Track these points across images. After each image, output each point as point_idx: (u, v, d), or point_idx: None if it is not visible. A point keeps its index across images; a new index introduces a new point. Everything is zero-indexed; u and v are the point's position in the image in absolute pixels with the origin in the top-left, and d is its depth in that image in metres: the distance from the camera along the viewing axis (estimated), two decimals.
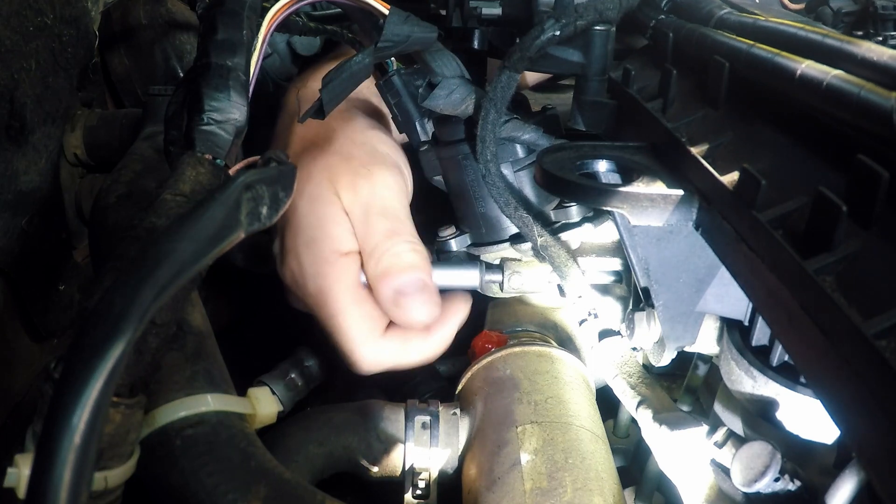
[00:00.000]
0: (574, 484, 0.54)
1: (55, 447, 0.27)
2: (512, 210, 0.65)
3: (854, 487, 0.42)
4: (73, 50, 0.88)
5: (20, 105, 0.76)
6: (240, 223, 0.38)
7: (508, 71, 0.61)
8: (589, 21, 0.61)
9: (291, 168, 0.46)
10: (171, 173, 0.46)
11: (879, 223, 0.36)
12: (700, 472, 0.55)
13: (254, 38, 0.54)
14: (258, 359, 0.79)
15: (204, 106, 0.49)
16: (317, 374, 0.79)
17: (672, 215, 0.51)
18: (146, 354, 0.41)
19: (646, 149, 0.58)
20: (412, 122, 0.72)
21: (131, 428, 0.40)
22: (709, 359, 0.69)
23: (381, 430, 0.63)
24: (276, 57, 0.87)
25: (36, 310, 0.86)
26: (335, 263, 0.65)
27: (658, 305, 0.57)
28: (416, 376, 0.78)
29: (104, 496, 0.39)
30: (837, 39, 0.45)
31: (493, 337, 0.71)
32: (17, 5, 0.74)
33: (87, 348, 0.28)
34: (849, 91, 0.39)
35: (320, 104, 0.59)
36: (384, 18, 0.61)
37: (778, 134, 0.49)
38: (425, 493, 0.62)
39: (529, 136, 0.67)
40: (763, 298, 0.42)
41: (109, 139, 0.94)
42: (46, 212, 0.86)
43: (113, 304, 0.29)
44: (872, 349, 0.31)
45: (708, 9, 0.64)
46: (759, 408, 0.53)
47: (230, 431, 0.49)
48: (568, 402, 0.62)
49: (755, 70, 0.50)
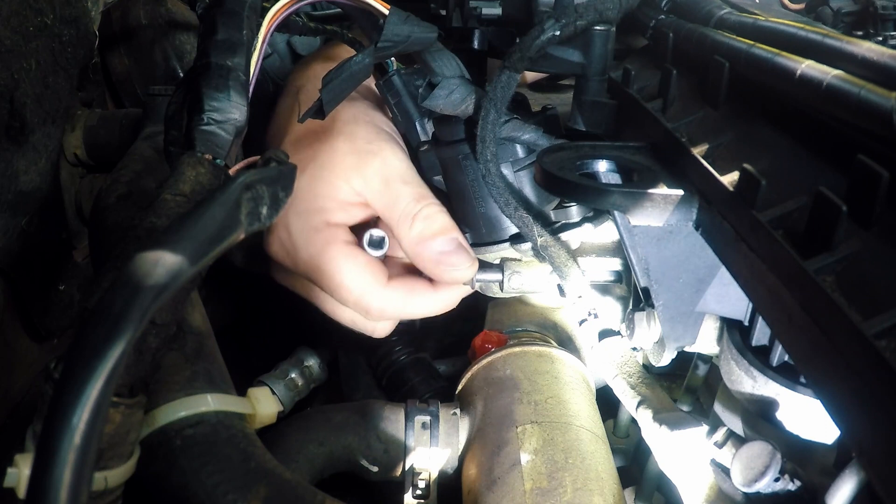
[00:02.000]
0: (574, 484, 0.54)
1: (55, 447, 0.27)
2: (512, 210, 0.65)
3: (854, 487, 0.42)
4: (73, 50, 0.88)
5: (20, 105, 0.76)
6: (240, 223, 0.38)
7: (508, 71, 0.61)
8: (589, 21, 0.61)
9: (292, 168, 0.46)
10: (171, 173, 0.46)
11: (879, 223, 0.36)
12: (700, 472, 0.55)
13: (254, 38, 0.54)
14: (258, 359, 0.79)
15: (204, 106, 0.49)
16: (317, 374, 0.79)
17: (672, 215, 0.51)
18: (146, 354, 0.41)
19: (646, 149, 0.58)
20: (412, 122, 0.72)
21: (131, 428, 0.40)
22: (709, 359, 0.69)
23: (381, 430, 0.63)
24: (276, 57, 0.87)
25: (36, 310, 0.86)
26: (324, 230, 0.66)
27: (658, 305, 0.57)
28: (416, 376, 0.78)
29: (104, 496, 0.39)
30: (837, 39, 0.45)
31: (493, 337, 0.71)
32: (17, 5, 0.74)
33: (87, 348, 0.28)
34: (849, 91, 0.39)
35: (320, 104, 0.59)
36: (384, 18, 0.61)
37: (778, 134, 0.49)
38: (425, 494, 0.62)
39: (529, 136, 0.67)
40: (763, 298, 0.42)
41: (109, 139, 0.94)
42: (46, 212, 0.86)
43: (113, 304, 0.29)
44: (872, 349, 0.31)
45: (708, 9, 0.64)
46: (759, 408, 0.53)
47: (230, 431, 0.49)
48: (568, 402, 0.62)
49: (755, 70, 0.50)
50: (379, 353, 0.81)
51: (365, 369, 0.83)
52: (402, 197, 0.67)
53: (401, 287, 0.68)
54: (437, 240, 0.66)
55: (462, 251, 0.67)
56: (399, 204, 0.67)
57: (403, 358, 0.80)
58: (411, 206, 0.67)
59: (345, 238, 0.67)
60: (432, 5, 0.80)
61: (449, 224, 0.68)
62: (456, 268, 0.67)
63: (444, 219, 0.68)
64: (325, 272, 0.66)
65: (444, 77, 0.67)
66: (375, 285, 0.66)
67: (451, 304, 0.71)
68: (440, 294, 0.69)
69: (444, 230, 0.67)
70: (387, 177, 0.68)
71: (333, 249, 0.66)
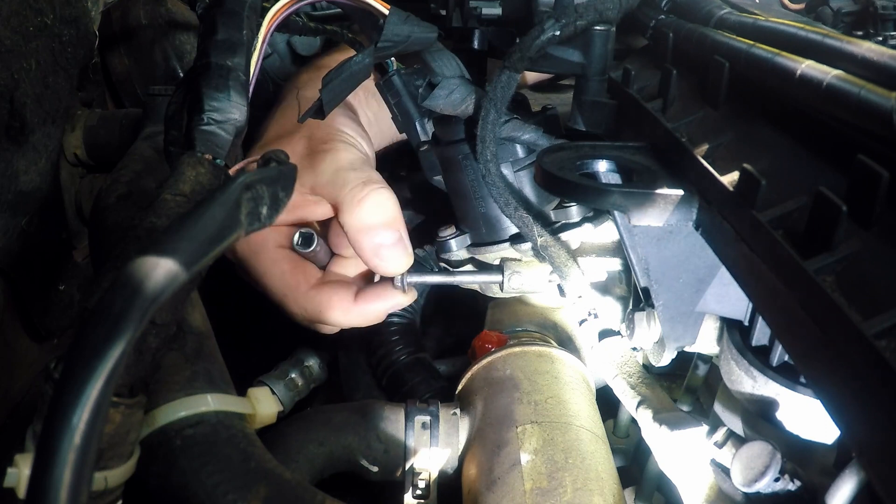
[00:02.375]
0: (574, 484, 0.54)
1: (55, 447, 0.27)
2: (512, 210, 0.65)
3: (854, 487, 0.42)
4: (73, 50, 0.88)
5: (20, 105, 0.76)
6: (240, 223, 0.38)
7: (508, 71, 0.61)
8: (589, 21, 0.61)
9: (292, 168, 0.46)
10: (171, 173, 0.46)
11: (879, 223, 0.36)
12: (700, 472, 0.55)
13: (254, 38, 0.54)
14: (258, 359, 0.79)
15: (204, 106, 0.49)
16: (317, 374, 0.79)
17: (672, 215, 0.51)
18: (146, 354, 0.41)
19: (646, 149, 0.58)
20: (412, 122, 0.72)
21: (131, 428, 0.40)
22: (709, 359, 0.69)
23: (381, 430, 0.63)
24: (276, 57, 0.87)
25: (36, 310, 0.86)
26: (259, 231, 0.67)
27: (658, 305, 0.57)
28: (416, 376, 0.78)
29: (104, 496, 0.39)
30: (837, 39, 0.45)
31: (493, 337, 0.71)
32: (17, 5, 0.74)
33: (87, 348, 0.28)
34: (849, 91, 0.39)
35: (320, 104, 0.59)
36: (384, 18, 0.61)
37: (778, 134, 0.49)
38: (425, 494, 0.62)
39: (529, 136, 0.67)
40: (763, 298, 0.42)
41: (109, 139, 0.94)
42: (46, 212, 0.86)
43: (113, 304, 0.29)
44: (872, 349, 0.31)
45: (708, 9, 0.64)
46: (759, 408, 0.53)
47: (230, 431, 0.49)
48: (568, 402, 0.62)
49: (755, 70, 0.50)
50: (379, 353, 0.81)
51: (365, 369, 0.83)
52: (348, 181, 0.66)
53: (322, 294, 0.68)
54: (379, 232, 0.65)
55: (400, 246, 0.66)
56: (345, 188, 0.66)
57: (403, 358, 0.80)
58: (357, 189, 0.65)
59: (276, 240, 0.68)
60: (432, 5, 0.80)
61: (393, 215, 0.66)
62: (389, 262, 0.66)
63: (389, 208, 0.66)
64: (254, 273, 0.69)
65: (444, 77, 0.67)
66: (295, 289, 0.68)
67: (371, 318, 0.70)
68: (360, 308, 0.68)
69: (389, 222, 0.66)
70: (337, 167, 0.68)
71: (263, 251, 0.68)
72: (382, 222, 0.66)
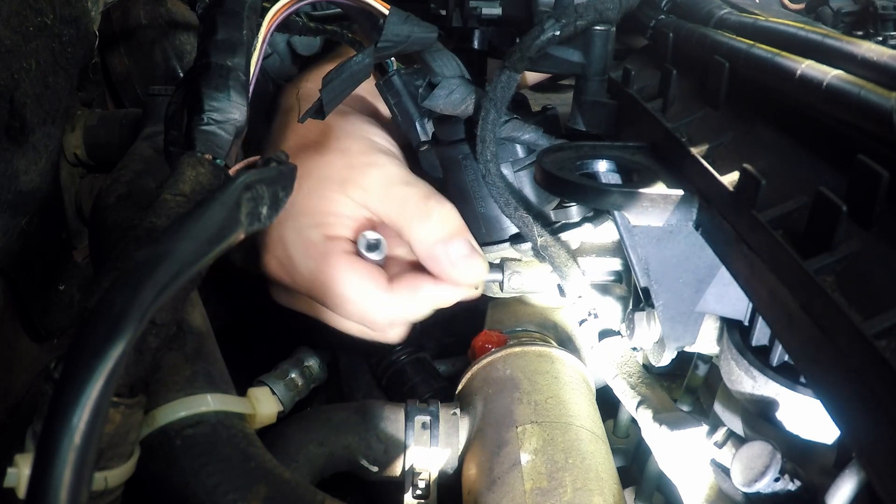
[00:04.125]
0: (574, 484, 0.54)
1: (55, 447, 0.27)
2: (512, 210, 0.65)
3: (854, 487, 0.42)
4: (73, 50, 0.88)
5: (20, 105, 0.76)
6: (240, 223, 0.38)
7: (508, 71, 0.61)
8: (589, 21, 0.61)
9: (292, 168, 0.46)
10: (171, 173, 0.46)
11: (879, 223, 0.36)
12: (700, 472, 0.55)
13: (254, 38, 0.54)
14: (258, 359, 0.79)
15: (204, 106, 0.49)
16: (317, 374, 0.79)
17: (672, 215, 0.51)
18: (146, 354, 0.41)
19: (646, 149, 0.58)
20: (412, 122, 0.72)
21: (131, 428, 0.40)
22: (709, 359, 0.69)
23: (381, 430, 0.63)
24: (276, 57, 0.87)
25: (36, 310, 0.86)
26: (322, 243, 0.65)
27: (658, 305, 0.57)
28: (416, 376, 0.78)
29: (104, 496, 0.39)
30: (837, 39, 0.45)
31: (493, 337, 0.71)
32: (17, 5, 0.74)
33: (87, 348, 0.28)
34: (849, 91, 0.39)
35: (320, 104, 0.59)
36: (384, 18, 0.61)
37: (778, 134, 0.49)
38: (425, 493, 0.62)
39: (529, 136, 0.67)
40: (763, 298, 0.42)
41: (109, 139, 0.94)
42: (46, 212, 0.86)
43: (113, 304, 0.29)
44: (872, 349, 0.31)
45: (708, 9, 0.64)
46: (759, 408, 0.53)
47: (230, 431, 0.49)
48: (568, 402, 0.62)
49: (755, 70, 0.50)
50: (379, 353, 0.81)
51: (365, 369, 0.83)
52: (408, 199, 0.66)
53: (404, 288, 0.66)
54: (453, 243, 0.65)
55: (476, 254, 0.67)
56: (407, 205, 0.66)
57: (403, 358, 0.80)
58: (421, 205, 0.66)
59: (344, 248, 0.66)
60: (432, 5, 0.80)
61: (462, 225, 0.67)
62: (468, 271, 0.66)
63: (457, 219, 0.67)
64: (325, 285, 0.65)
65: (444, 77, 0.67)
66: (377, 292, 0.65)
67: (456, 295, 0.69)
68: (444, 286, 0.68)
69: (459, 231, 0.66)
70: (387, 183, 0.67)
71: (332, 260, 0.65)
72: (454, 233, 0.66)
